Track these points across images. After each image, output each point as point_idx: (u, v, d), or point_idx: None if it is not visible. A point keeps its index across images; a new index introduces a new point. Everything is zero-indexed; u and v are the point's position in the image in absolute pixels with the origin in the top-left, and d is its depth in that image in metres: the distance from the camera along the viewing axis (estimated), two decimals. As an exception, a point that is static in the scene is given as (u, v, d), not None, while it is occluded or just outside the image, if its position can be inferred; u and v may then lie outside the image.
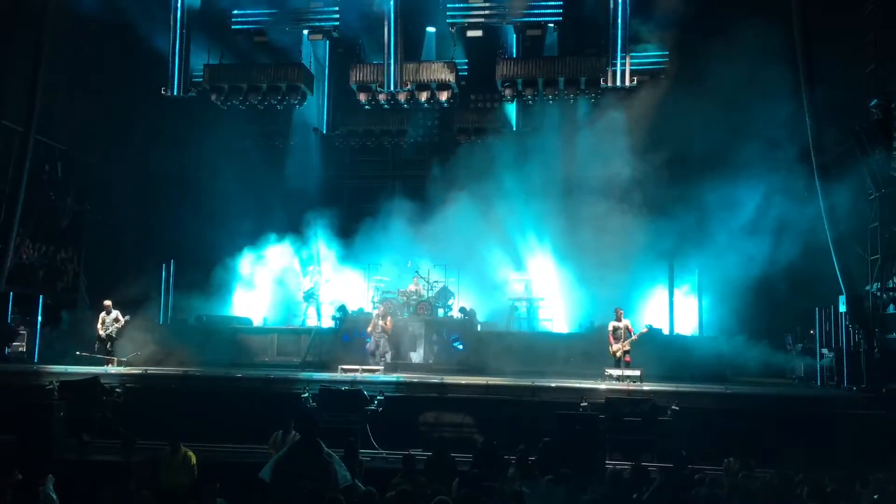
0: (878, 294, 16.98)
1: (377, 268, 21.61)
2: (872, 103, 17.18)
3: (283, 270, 22.96)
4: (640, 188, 20.21)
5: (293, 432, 11.40)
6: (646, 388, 14.62)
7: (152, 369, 16.22)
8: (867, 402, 14.02)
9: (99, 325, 17.14)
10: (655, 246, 19.56)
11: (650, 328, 16.76)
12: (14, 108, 18.96)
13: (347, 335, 18.25)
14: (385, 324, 17.10)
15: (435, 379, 15.26)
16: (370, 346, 17.00)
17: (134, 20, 20.82)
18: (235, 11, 22.27)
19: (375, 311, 17.60)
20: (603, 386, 14.74)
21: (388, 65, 21.35)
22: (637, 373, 15.35)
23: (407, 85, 21.58)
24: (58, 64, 19.13)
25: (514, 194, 21.33)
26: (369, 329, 17.16)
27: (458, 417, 13.79)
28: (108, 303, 17.34)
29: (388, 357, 17.05)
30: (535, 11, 21.32)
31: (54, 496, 8.34)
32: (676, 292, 19.80)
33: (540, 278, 21.31)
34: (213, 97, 21.99)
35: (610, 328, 16.15)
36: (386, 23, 21.45)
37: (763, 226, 19.26)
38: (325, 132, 24.50)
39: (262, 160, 23.60)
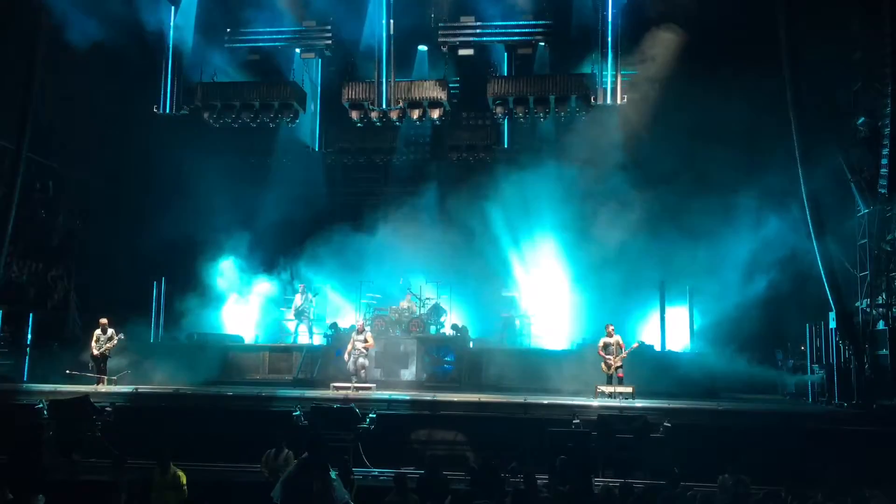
0: (868, 310, 17.08)
1: (369, 285, 21.60)
2: (859, 121, 17.38)
3: (273, 287, 22.94)
4: (633, 205, 20.26)
5: (285, 450, 11.40)
6: (638, 404, 14.65)
7: (143, 388, 16.13)
8: (858, 418, 14.07)
9: (93, 343, 17.06)
10: (648, 263, 19.63)
11: (641, 344, 16.80)
12: (5, 126, 18.95)
13: (340, 353, 18.15)
14: (366, 340, 16.65)
15: (427, 396, 15.24)
16: (349, 367, 16.58)
17: (127, 38, 20.88)
18: (228, 30, 22.41)
19: (353, 332, 17.01)
20: (595, 403, 14.74)
21: (380, 83, 21.45)
22: (629, 389, 15.37)
23: (399, 103, 21.67)
24: (50, 82, 19.15)
25: (506, 211, 21.41)
26: (348, 349, 16.63)
27: (451, 435, 13.77)
28: (104, 321, 17.26)
29: (363, 374, 16.62)
30: (527, 30, 21.54)
31: (44, 516, 8.30)
32: (669, 310, 19.82)
33: (532, 295, 21.33)
34: (206, 115, 22.02)
35: (601, 344, 16.19)
36: (378, 41, 21.59)
37: (753, 243, 19.34)
38: (317, 150, 24.56)
39: (254, 177, 23.61)
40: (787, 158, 16.94)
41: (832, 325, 16.11)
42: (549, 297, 21.38)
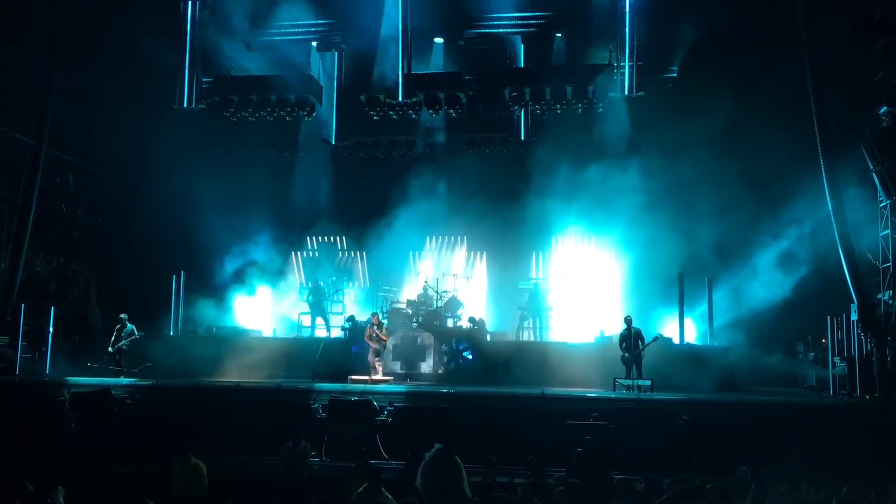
0: (890, 302, 16.88)
1: (387, 277, 21.64)
2: (882, 111, 17.16)
3: (291, 280, 23.04)
4: (653, 197, 20.10)
5: (303, 442, 11.49)
6: (656, 397, 14.56)
7: (163, 380, 16.27)
8: (880, 411, 13.90)
9: (113, 338, 17.27)
10: (668, 255, 19.47)
11: (660, 337, 16.69)
12: (26, 122, 19.14)
13: (357, 346, 18.24)
14: (380, 334, 16.91)
15: (444, 389, 15.23)
16: (369, 359, 16.90)
17: (145, 33, 21.00)
18: (246, 24, 22.45)
19: (368, 327, 17.26)
20: (613, 395, 14.68)
21: (397, 75, 21.43)
22: (648, 382, 15.28)
23: (415, 95, 21.65)
24: (69, 77, 19.31)
25: (524, 203, 21.36)
26: (366, 334, 17.07)
27: (468, 428, 13.73)
28: (123, 316, 17.48)
29: (379, 366, 16.90)
30: (543, 21, 21.41)
31: (65, 507, 8.37)
32: (688, 302, 19.64)
33: (551, 287, 21.25)
34: (223, 109, 22.09)
35: (620, 337, 16.11)
36: (394, 34, 21.55)
37: (774, 234, 19.20)
38: (333, 143, 24.57)
39: (271, 172, 23.68)
40: (807, 149, 16.76)
41: (854, 317, 15.91)
42: (569, 289, 21.29)
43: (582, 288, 21.19)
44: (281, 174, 23.94)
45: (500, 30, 21.69)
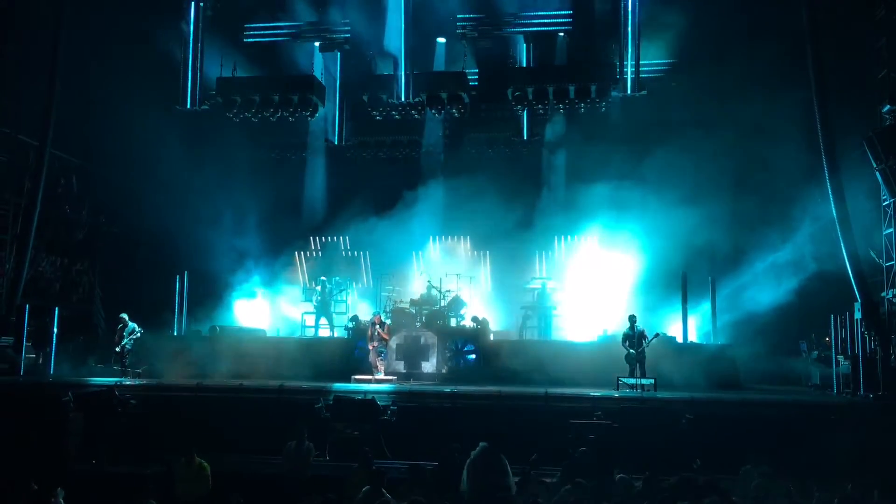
0: (894, 300, 16.85)
1: (390, 277, 21.65)
2: (885, 109, 17.13)
3: (294, 280, 23.05)
4: (656, 197, 20.06)
5: (307, 442, 11.51)
6: (660, 396, 14.55)
7: (166, 380, 16.30)
8: (884, 409, 13.88)
9: (115, 337, 17.30)
10: (672, 254, 19.45)
11: (662, 335, 16.67)
12: (30, 123, 19.20)
13: (360, 345, 18.24)
14: (382, 333, 17.05)
15: (447, 388, 15.24)
16: (371, 359, 17.04)
17: (148, 34, 21.06)
18: (248, 24, 22.50)
19: (370, 326, 17.37)
20: (617, 394, 14.68)
21: (399, 76, 21.45)
22: (651, 381, 15.28)
23: (418, 95, 21.65)
24: (72, 78, 19.35)
25: (526, 203, 21.33)
26: (369, 334, 17.22)
27: (471, 427, 13.72)
28: (124, 315, 17.51)
29: (380, 366, 17.04)
30: (546, 21, 21.42)
31: (65, 508, 8.41)
32: (692, 301, 19.63)
33: (554, 287, 21.24)
34: (226, 110, 22.12)
35: (623, 335, 16.10)
36: (397, 34, 21.57)
37: (778, 232, 19.16)
38: (336, 143, 24.61)
39: (275, 172, 23.70)
40: (811, 147, 16.72)
41: (857, 315, 15.89)
42: (572, 289, 21.27)
43: (585, 287, 21.16)
44: (284, 174, 23.98)
45: (504, 29, 21.70)
